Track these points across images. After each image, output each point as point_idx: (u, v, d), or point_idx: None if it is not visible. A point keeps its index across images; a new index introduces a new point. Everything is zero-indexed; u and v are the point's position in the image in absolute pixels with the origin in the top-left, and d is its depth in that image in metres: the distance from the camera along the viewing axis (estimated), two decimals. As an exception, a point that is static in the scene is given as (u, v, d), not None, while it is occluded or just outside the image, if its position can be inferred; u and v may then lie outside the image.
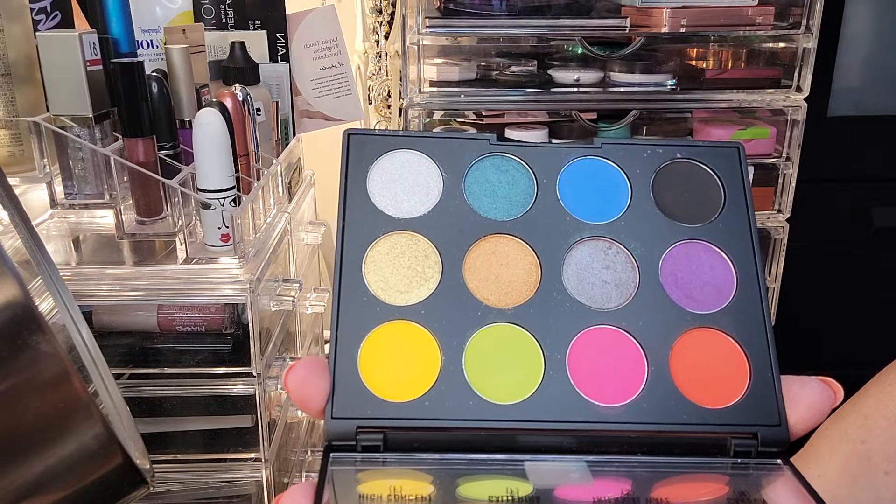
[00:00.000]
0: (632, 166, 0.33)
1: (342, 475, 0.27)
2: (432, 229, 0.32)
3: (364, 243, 0.31)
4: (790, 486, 0.28)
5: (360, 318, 0.30)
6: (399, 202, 0.32)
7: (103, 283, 0.66)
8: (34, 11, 0.75)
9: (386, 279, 0.31)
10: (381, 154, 0.33)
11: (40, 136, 0.68)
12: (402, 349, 0.30)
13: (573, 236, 0.32)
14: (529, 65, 0.97)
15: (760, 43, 1.00)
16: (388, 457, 0.28)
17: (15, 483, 0.37)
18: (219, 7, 0.91)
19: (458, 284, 0.31)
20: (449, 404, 0.29)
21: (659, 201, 0.33)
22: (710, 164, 0.33)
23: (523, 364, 0.30)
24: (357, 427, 0.28)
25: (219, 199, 0.66)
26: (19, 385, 0.36)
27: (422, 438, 0.28)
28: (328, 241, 1.31)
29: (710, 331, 0.31)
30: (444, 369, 0.29)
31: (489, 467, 0.28)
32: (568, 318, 0.30)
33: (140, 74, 0.68)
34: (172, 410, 0.72)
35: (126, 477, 0.40)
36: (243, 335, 0.70)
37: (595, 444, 0.29)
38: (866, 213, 1.11)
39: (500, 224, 0.32)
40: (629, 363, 0.30)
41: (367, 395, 0.29)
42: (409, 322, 0.30)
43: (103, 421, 0.38)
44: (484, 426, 0.29)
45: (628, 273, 0.31)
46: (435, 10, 0.93)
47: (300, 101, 0.99)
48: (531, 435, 0.29)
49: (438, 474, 0.28)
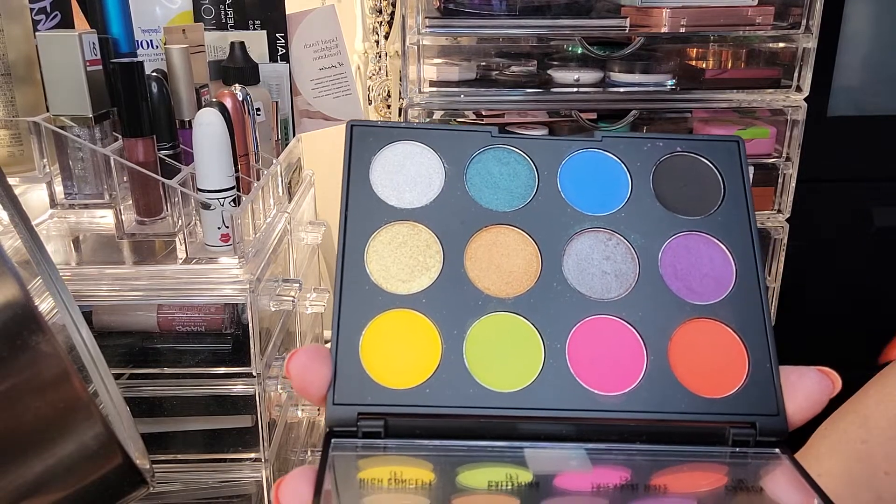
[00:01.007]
0: (632, 159, 0.33)
1: (343, 461, 0.27)
2: (434, 219, 0.32)
3: (366, 233, 0.31)
4: (788, 475, 0.28)
5: (361, 307, 0.30)
6: (401, 193, 0.32)
7: (103, 283, 0.66)
8: (34, 11, 0.75)
9: (388, 268, 0.31)
10: (384, 145, 0.33)
11: (40, 136, 0.68)
12: (404, 337, 0.30)
13: (573, 227, 0.32)
14: (529, 65, 0.97)
15: (760, 43, 1.00)
16: (388, 443, 0.28)
17: (15, 483, 0.37)
18: (218, 7, 0.91)
19: (459, 274, 0.31)
20: (449, 392, 0.29)
21: (659, 194, 0.33)
22: (710, 157, 0.33)
23: (523, 353, 0.30)
24: (358, 413, 0.28)
25: (219, 199, 0.66)
26: (19, 385, 0.36)
27: (422, 425, 0.28)
28: (328, 240, 1.31)
29: (709, 321, 0.31)
30: (445, 357, 0.29)
31: (489, 454, 0.28)
32: (568, 307, 0.31)
33: (140, 74, 0.68)
34: (172, 410, 0.72)
35: (126, 477, 0.40)
36: (243, 335, 0.70)
37: (594, 432, 0.29)
38: (866, 212, 1.11)
39: (501, 215, 0.32)
40: (628, 353, 0.30)
41: (369, 381, 0.29)
42: (410, 310, 0.30)
43: (103, 421, 0.38)
44: (484, 413, 0.29)
45: (628, 264, 0.32)
46: (435, 11, 0.93)
47: (300, 101, 0.99)
48: (531, 423, 0.29)
49: (438, 461, 0.28)
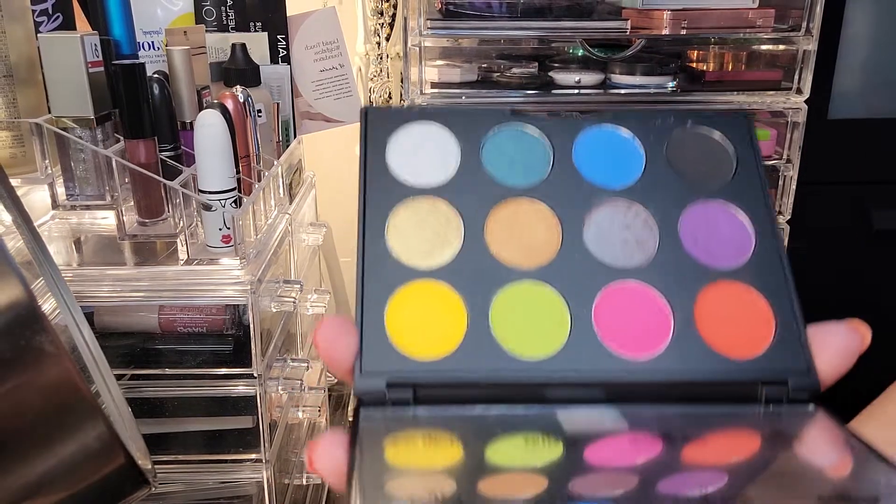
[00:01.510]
0: (645, 133, 0.33)
1: (373, 429, 0.27)
2: (453, 195, 0.32)
3: (385, 211, 0.31)
4: (826, 426, 0.28)
5: (384, 280, 0.30)
6: (418, 171, 0.32)
7: (105, 284, 0.66)
8: (36, 13, 0.75)
9: (408, 245, 0.31)
10: (399, 126, 0.33)
11: (42, 137, 0.69)
12: (428, 308, 0.30)
13: (592, 199, 0.32)
14: (530, 66, 0.97)
15: (761, 45, 1.00)
16: (418, 410, 0.28)
17: (17, 483, 0.37)
18: (220, 9, 0.91)
19: (481, 247, 0.31)
20: (477, 360, 0.29)
21: (673, 165, 0.33)
22: (720, 130, 0.34)
23: (549, 320, 0.30)
24: (387, 382, 0.28)
25: (220, 200, 0.66)
26: (22, 385, 0.36)
27: (451, 393, 0.29)
28: (329, 242, 1.31)
29: (732, 284, 0.31)
30: (471, 326, 0.29)
31: (521, 419, 0.28)
32: (591, 275, 0.31)
33: (141, 76, 0.68)
34: (174, 411, 0.72)
35: (128, 477, 0.40)
36: (244, 336, 0.70)
37: (624, 396, 0.29)
38: (866, 215, 1.12)
39: (519, 189, 0.32)
40: (654, 317, 0.30)
41: (395, 353, 0.29)
42: (433, 281, 0.30)
43: (106, 421, 0.38)
44: (513, 380, 0.29)
45: (648, 232, 0.32)
46: (436, 12, 0.93)
47: (301, 103, 0.99)
48: (560, 389, 0.29)
49: (470, 426, 0.28)
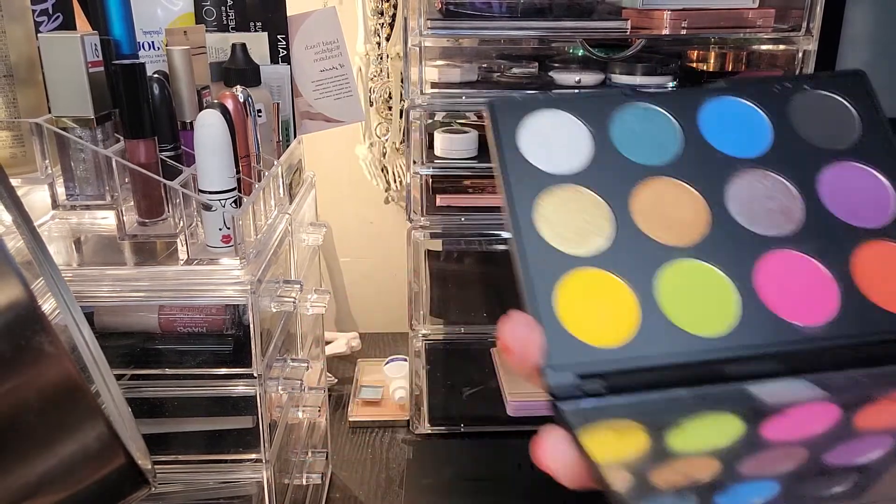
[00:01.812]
0: (765, 101, 0.33)
1: (587, 422, 0.27)
2: (594, 181, 0.32)
3: (530, 201, 0.31)
4: None
5: (547, 271, 0.30)
6: (554, 159, 0.32)
7: (105, 284, 0.66)
8: (36, 13, 0.75)
9: (560, 233, 0.31)
10: (525, 115, 0.33)
11: (42, 137, 0.68)
12: (595, 296, 0.30)
13: (728, 171, 0.32)
14: (531, 66, 0.97)
15: (761, 45, 1.00)
16: (613, 400, 0.28)
17: (17, 483, 0.37)
18: (220, 9, 0.91)
19: (633, 229, 0.31)
20: (659, 344, 0.29)
21: (800, 131, 0.33)
22: (840, 90, 0.33)
23: (715, 296, 0.30)
24: (578, 374, 0.28)
25: (220, 200, 0.66)
26: (22, 385, 0.36)
27: (640, 380, 0.28)
28: (329, 242, 1.31)
29: (883, 243, 0.31)
30: (644, 310, 0.29)
31: (716, 398, 0.28)
32: (746, 247, 0.31)
33: (141, 76, 0.68)
34: (173, 411, 0.72)
35: (128, 477, 0.40)
36: (244, 336, 0.70)
37: (805, 364, 0.28)
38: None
39: (657, 168, 0.32)
40: (818, 283, 0.30)
41: (577, 343, 0.29)
42: (594, 269, 0.30)
43: (106, 421, 0.38)
44: (699, 359, 0.28)
45: (791, 199, 0.32)
46: (436, 12, 0.93)
47: (301, 103, 0.99)
48: (743, 363, 0.28)
49: (665, 411, 0.28)
